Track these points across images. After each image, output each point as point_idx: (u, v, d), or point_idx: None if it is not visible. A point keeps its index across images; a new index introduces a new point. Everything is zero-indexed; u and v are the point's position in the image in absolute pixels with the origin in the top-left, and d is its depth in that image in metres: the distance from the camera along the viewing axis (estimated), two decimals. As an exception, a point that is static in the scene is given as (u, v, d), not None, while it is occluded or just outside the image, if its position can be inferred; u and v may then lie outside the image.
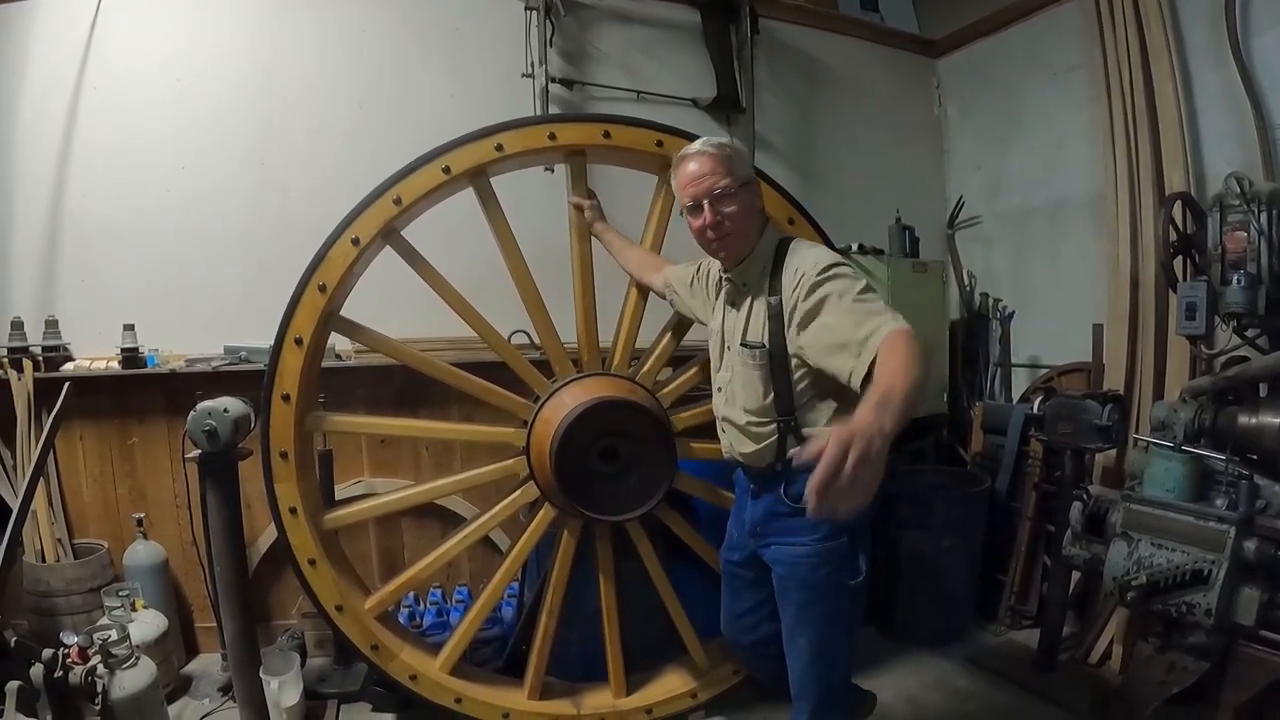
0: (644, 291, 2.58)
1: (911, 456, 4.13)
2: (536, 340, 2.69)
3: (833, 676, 1.97)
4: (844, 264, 1.83)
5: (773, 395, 1.90)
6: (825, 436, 1.29)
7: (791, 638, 1.98)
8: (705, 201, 1.91)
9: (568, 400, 2.43)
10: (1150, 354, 3.29)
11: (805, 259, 1.86)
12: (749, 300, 1.96)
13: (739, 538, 2.13)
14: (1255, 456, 2.54)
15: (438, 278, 2.48)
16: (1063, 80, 3.98)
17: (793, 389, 1.88)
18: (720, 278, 2.10)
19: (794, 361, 1.86)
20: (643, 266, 2.51)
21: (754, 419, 1.95)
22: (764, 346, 1.88)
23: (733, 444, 2.05)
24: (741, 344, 1.94)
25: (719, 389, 2.09)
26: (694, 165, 1.93)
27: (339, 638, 2.55)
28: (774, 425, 1.92)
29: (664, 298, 2.46)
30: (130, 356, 3.10)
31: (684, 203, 1.98)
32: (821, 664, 1.96)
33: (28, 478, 2.60)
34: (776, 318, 1.86)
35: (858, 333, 1.66)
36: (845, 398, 1.78)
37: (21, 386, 2.99)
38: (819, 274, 1.79)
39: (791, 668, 2.00)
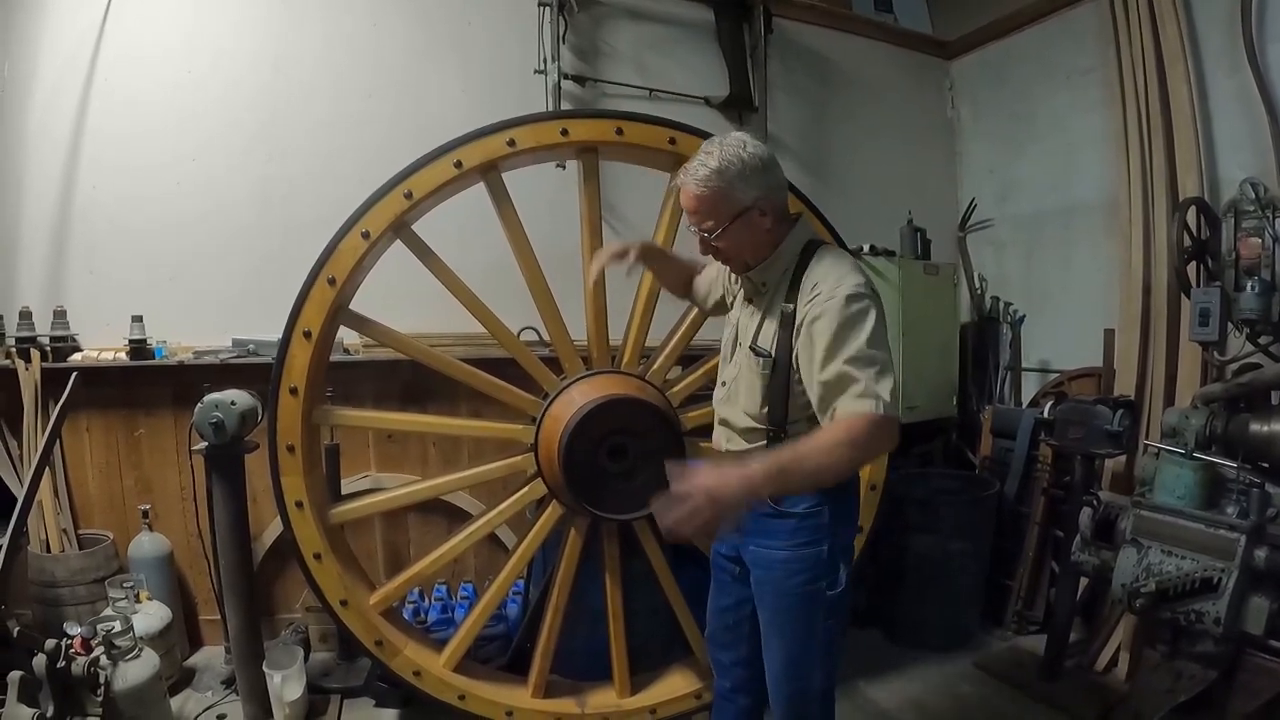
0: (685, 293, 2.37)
1: (920, 460, 4.12)
2: (546, 337, 2.68)
3: (805, 688, 1.94)
4: (863, 295, 1.73)
5: (769, 407, 1.86)
6: (704, 473, 1.52)
7: (766, 642, 1.96)
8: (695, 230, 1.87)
9: (577, 397, 2.42)
10: (1162, 360, 3.26)
11: (828, 276, 1.78)
12: (766, 301, 1.91)
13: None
14: (1266, 465, 2.53)
15: (448, 272, 2.47)
16: (1076, 83, 3.97)
17: (788, 403, 1.85)
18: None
19: (796, 376, 1.82)
20: (677, 283, 2.31)
21: (750, 424, 1.91)
22: (770, 355, 1.84)
23: (725, 441, 2.02)
24: (750, 347, 1.90)
25: (724, 383, 2.02)
26: (683, 197, 1.84)
27: (343, 632, 2.54)
28: (765, 433, 1.89)
29: (705, 310, 2.30)
30: (138, 348, 3.09)
31: None
32: (793, 674, 1.93)
33: (33, 467, 2.60)
34: (787, 327, 1.81)
35: (831, 394, 1.69)
36: None
37: (29, 376, 2.99)
38: (835, 303, 1.71)
39: (768, 674, 1.98)
